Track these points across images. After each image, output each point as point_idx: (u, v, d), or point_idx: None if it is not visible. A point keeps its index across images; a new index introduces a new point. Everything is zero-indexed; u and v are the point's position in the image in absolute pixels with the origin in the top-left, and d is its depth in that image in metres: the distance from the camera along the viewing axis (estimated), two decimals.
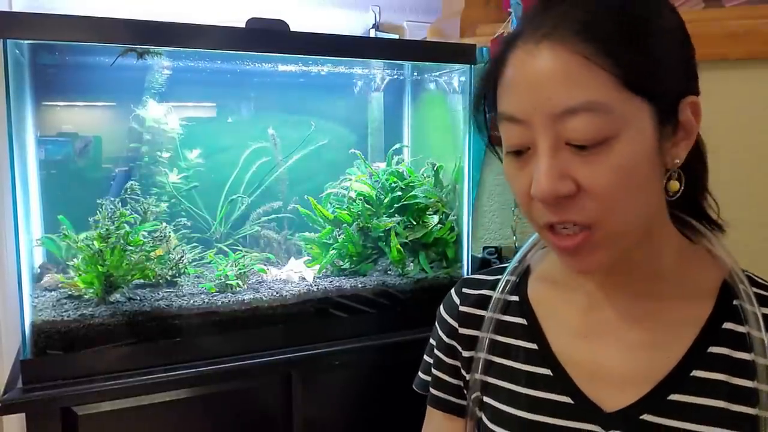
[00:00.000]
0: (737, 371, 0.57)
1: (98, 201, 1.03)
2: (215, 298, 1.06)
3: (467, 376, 0.70)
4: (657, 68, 0.53)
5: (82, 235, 1.02)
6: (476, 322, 0.70)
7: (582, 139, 0.52)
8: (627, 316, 0.62)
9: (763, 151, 1.04)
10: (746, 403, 0.55)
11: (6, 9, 1.28)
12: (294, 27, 1.06)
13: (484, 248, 1.33)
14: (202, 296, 1.06)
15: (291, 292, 1.11)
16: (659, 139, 0.54)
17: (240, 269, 1.12)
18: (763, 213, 1.04)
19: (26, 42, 0.98)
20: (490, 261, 1.29)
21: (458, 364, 0.72)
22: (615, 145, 0.52)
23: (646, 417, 0.57)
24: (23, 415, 0.90)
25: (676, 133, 0.56)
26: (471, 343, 0.70)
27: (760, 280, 0.62)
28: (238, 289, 1.10)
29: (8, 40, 0.88)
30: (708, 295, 0.61)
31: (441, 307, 0.76)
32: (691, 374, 0.57)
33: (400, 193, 1.24)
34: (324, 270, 1.22)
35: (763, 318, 0.57)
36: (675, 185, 0.58)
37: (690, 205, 0.64)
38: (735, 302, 0.59)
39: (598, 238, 0.54)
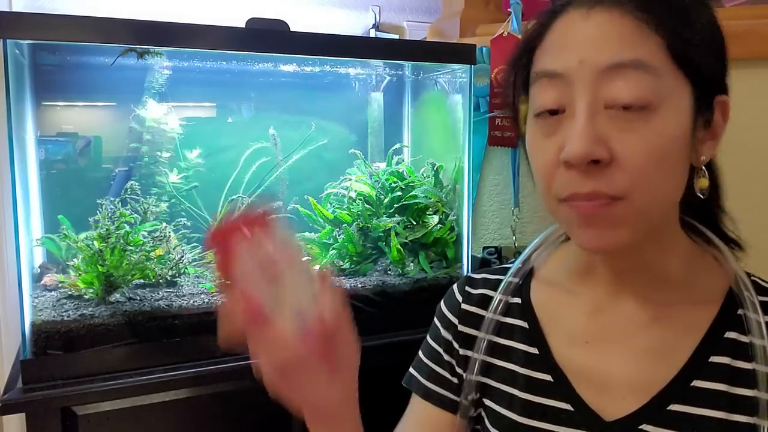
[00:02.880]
0: (738, 381, 0.56)
1: (98, 201, 1.03)
2: (215, 298, 1.06)
3: (463, 375, 0.69)
4: (701, 48, 0.54)
5: (82, 235, 1.02)
6: (476, 321, 0.69)
7: (626, 96, 0.51)
8: (632, 322, 0.61)
9: (763, 151, 1.04)
10: (746, 412, 0.55)
11: (6, 9, 1.28)
12: (294, 27, 1.06)
13: (484, 248, 1.33)
14: (202, 296, 1.06)
15: None
16: (693, 128, 0.54)
17: None
18: (763, 213, 1.04)
19: (26, 42, 0.98)
20: (490, 261, 1.29)
21: (453, 361, 0.70)
22: (654, 117, 0.51)
23: (645, 427, 0.56)
24: (23, 415, 0.90)
25: (707, 129, 0.56)
26: (468, 342, 0.69)
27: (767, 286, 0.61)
28: None
29: (8, 40, 0.88)
30: (713, 302, 0.60)
31: (442, 302, 0.75)
32: (692, 384, 0.57)
33: (400, 193, 1.24)
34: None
35: (766, 326, 0.56)
36: (704, 182, 0.58)
37: (702, 214, 0.64)
38: (739, 311, 0.58)
39: (623, 213, 0.52)
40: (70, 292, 1.03)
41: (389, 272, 1.23)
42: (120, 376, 0.94)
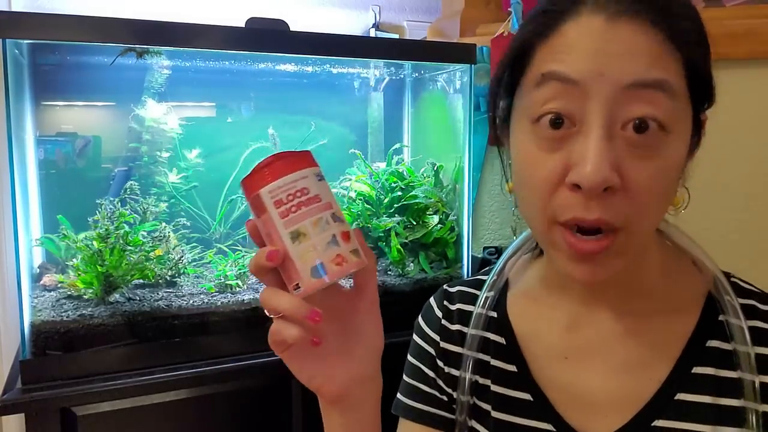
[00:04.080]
0: (724, 391, 0.54)
1: (98, 201, 1.02)
2: (215, 298, 1.06)
3: (454, 394, 0.66)
4: (707, 63, 0.52)
5: (82, 235, 1.02)
6: (458, 338, 0.67)
7: (647, 115, 0.47)
8: (610, 335, 0.59)
9: (763, 151, 1.04)
10: (734, 423, 0.53)
11: (6, 9, 1.28)
12: (294, 27, 1.06)
13: (484, 248, 1.33)
14: (202, 296, 1.06)
15: None
16: (690, 150, 0.53)
17: (240, 269, 1.12)
18: (763, 214, 1.04)
19: (26, 42, 0.98)
20: (490, 261, 1.29)
21: (439, 378, 0.67)
22: (666, 144, 0.49)
23: None
24: (23, 415, 0.90)
25: (695, 148, 0.55)
26: (452, 359, 0.66)
27: (747, 287, 0.59)
28: (237, 289, 1.10)
29: (8, 40, 0.88)
30: (692, 308, 0.58)
31: (420, 319, 0.72)
32: (676, 397, 0.55)
33: (400, 193, 1.24)
34: None
35: (749, 331, 0.54)
36: (678, 200, 0.56)
37: None
38: (721, 317, 0.56)
39: (621, 244, 0.50)
40: (69, 293, 1.03)
41: (389, 272, 1.23)
42: (120, 376, 0.94)
